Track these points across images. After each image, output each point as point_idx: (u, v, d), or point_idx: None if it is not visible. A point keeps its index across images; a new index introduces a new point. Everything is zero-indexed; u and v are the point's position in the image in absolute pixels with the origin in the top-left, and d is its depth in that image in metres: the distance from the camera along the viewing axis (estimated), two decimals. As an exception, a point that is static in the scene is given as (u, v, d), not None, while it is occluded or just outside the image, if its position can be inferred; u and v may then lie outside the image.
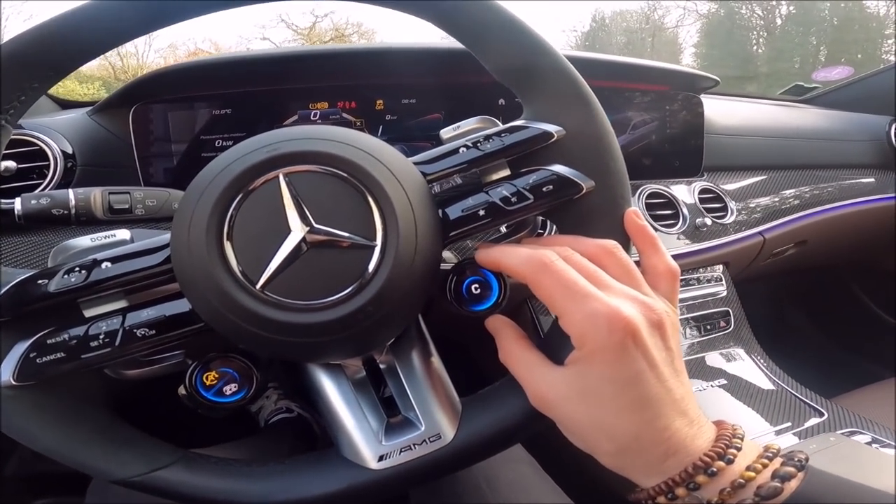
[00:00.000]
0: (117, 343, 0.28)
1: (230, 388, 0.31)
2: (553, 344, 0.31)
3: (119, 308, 0.29)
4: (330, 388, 0.33)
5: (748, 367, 0.71)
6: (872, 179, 1.01)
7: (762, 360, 0.72)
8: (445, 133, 0.37)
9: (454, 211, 0.31)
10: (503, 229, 0.52)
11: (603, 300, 0.26)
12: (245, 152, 0.27)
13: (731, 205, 0.80)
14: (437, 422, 0.32)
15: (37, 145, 0.55)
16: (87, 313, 0.29)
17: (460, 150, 0.32)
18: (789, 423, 0.61)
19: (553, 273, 0.27)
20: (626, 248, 0.31)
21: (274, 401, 0.83)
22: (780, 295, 1.35)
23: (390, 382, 0.34)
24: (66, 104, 0.80)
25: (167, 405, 0.42)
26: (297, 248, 0.26)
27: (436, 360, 0.34)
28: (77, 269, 0.28)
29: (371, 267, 0.27)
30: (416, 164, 0.31)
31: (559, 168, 0.32)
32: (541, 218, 0.40)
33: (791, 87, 1.24)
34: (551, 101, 0.33)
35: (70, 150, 0.56)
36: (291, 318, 0.26)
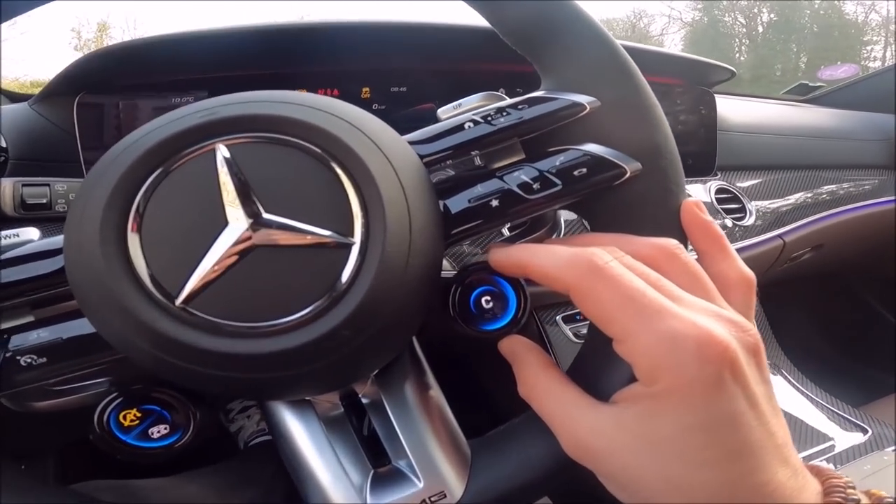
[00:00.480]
0: None
1: (158, 430, 0.23)
2: (591, 373, 0.24)
3: (7, 328, 0.22)
4: (295, 429, 0.25)
5: (777, 382, 0.64)
6: (881, 180, 0.97)
7: (791, 374, 0.66)
8: (444, 112, 0.30)
9: (458, 202, 0.24)
10: (505, 232, 0.45)
11: (686, 318, 0.19)
12: (171, 119, 0.20)
13: (750, 206, 0.74)
14: (439, 474, 0.25)
15: (-37, 137, 0.48)
16: None
17: (466, 126, 0.25)
18: (831, 443, 0.55)
19: (610, 279, 0.20)
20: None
21: (256, 421, 0.75)
22: (787, 303, 1.30)
23: (376, 422, 0.27)
24: (15, 97, 0.73)
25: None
26: (238, 248, 0.19)
27: (435, 394, 0.27)
28: None
29: (347, 274, 0.19)
30: (410, 143, 0.24)
31: (593, 147, 0.25)
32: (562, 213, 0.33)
33: (796, 86, 1.21)
34: (580, 67, 0.26)
35: (3, 143, 0.49)
36: (228, 347, 0.18)
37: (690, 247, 0.26)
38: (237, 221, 0.19)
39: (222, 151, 0.19)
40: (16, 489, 0.23)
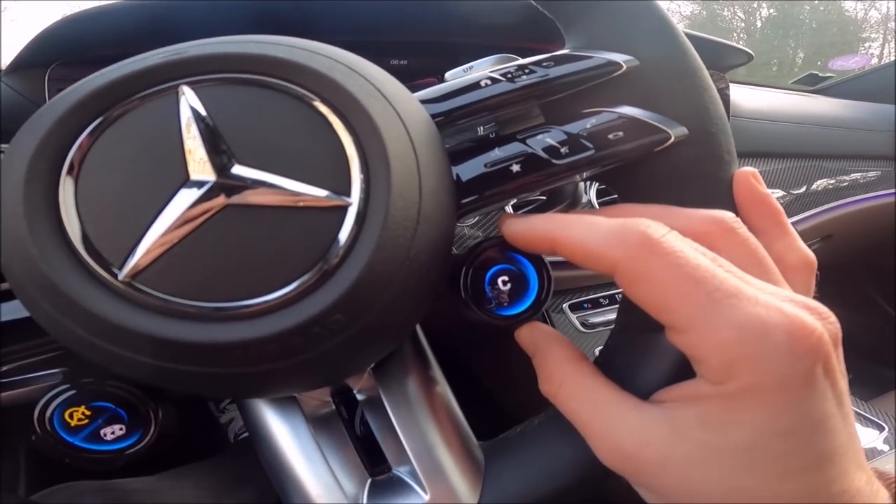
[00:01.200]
0: None
1: (112, 431, 0.20)
2: (625, 365, 0.20)
3: None
4: (277, 429, 0.22)
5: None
6: (884, 171, 0.95)
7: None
8: (453, 76, 0.27)
9: (472, 167, 0.21)
10: (509, 209, 0.42)
11: (769, 303, 0.16)
12: (130, 61, 0.17)
13: (763, 193, 0.71)
14: (448, 482, 0.21)
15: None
16: None
17: (482, 84, 0.22)
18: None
19: (670, 256, 0.16)
20: None
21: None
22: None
23: (373, 421, 0.23)
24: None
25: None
26: (202, 208, 0.15)
27: (442, 389, 0.23)
28: None
29: (341, 242, 0.16)
30: (420, 102, 0.21)
31: (629, 110, 0.22)
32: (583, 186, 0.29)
33: (805, 76, 1.20)
34: (615, 23, 0.23)
35: (-31, 116, 0.45)
36: (187, 334, 0.15)
37: None
38: (201, 174, 0.15)
39: (186, 93, 0.16)
40: None
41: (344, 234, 0.16)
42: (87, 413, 0.20)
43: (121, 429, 0.20)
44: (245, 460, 0.65)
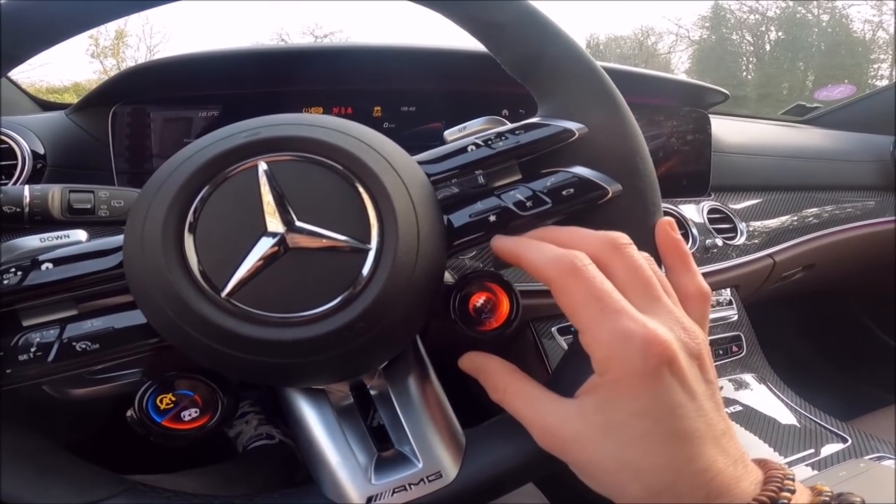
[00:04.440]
0: (50, 358, 0.24)
1: (189, 414, 0.26)
2: (563, 372, 0.27)
3: (63, 317, 0.25)
4: (310, 416, 0.28)
5: (762, 393, 0.67)
6: (875, 201, 0.98)
7: (776, 385, 0.69)
8: (450, 134, 0.33)
9: (460, 217, 0.28)
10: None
11: (639, 319, 0.22)
12: (220, 137, 0.24)
13: (741, 226, 0.77)
14: (437, 457, 0.28)
15: (6, 143, 0.52)
16: (28, 322, 0.25)
17: (469, 149, 0.29)
18: (812, 450, 0.58)
19: (583, 279, 0.23)
20: (657, 263, 0.27)
21: (254, 426, 0.77)
22: (781, 319, 1.32)
23: (382, 411, 0.30)
24: (48, 106, 0.77)
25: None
26: (274, 250, 0.22)
27: (436, 387, 0.30)
28: (12, 270, 0.24)
29: (363, 274, 0.23)
30: (419, 163, 0.28)
31: (580, 170, 0.29)
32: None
33: (793, 106, 1.23)
34: (572, 96, 0.30)
35: (41, 151, 0.53)
36: (263, 334, 0.22)
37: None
38: (274, 227, 0.22)
39: (263, 167, 0.23)
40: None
41: (366, 269, 0.23)
42: (174, 399, 0.26)
43: (195, 412, 0.27)
44: (248, 466, 0.70)
